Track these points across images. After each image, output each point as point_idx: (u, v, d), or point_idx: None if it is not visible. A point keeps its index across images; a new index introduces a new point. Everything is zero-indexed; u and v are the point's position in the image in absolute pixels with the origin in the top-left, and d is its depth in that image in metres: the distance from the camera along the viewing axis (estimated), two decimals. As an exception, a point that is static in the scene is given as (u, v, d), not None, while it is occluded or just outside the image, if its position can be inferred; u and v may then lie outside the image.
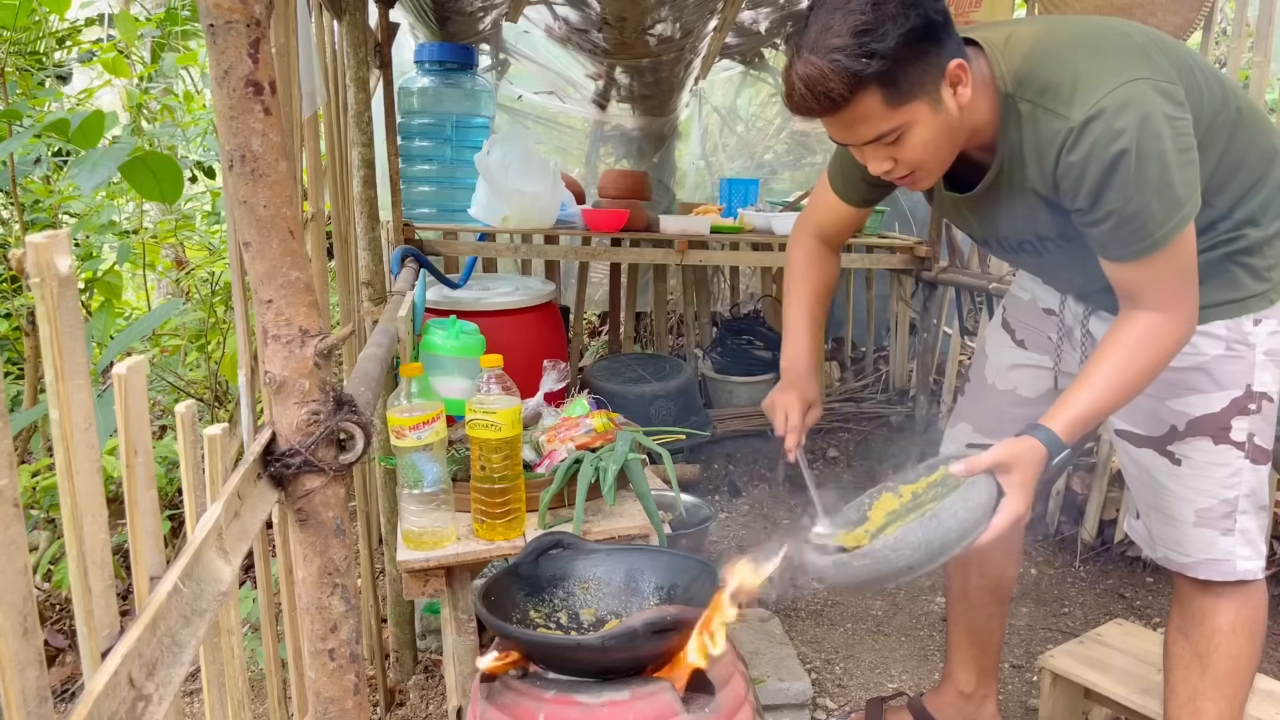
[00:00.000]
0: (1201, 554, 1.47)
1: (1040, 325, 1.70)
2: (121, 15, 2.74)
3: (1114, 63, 1.24)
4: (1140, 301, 1.32)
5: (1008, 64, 1.31)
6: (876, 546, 1.25)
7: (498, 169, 2.97)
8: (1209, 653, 1.48)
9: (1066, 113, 1.24)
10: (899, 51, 1.20)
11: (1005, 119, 1.33)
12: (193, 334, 3.19)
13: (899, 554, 1.23)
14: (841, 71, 1.20)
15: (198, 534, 0.76)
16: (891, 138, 1.28)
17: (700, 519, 2.51)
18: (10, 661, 0.52)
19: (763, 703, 1.95)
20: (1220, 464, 1.44)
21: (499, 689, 1.21)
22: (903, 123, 1.27)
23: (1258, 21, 2.43)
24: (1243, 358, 1.41)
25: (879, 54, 1.19)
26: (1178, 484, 1.47)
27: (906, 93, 1.24)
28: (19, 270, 0.58)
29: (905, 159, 1.31)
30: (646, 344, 4.32)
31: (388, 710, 2.16)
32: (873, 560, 1.25)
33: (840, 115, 1.26)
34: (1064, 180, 1.28)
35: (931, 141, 1.29)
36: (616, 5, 3.36)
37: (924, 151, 1.30)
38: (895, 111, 1.25)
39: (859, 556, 1.26)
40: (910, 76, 1.23)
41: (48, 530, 2.40)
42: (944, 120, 1.28)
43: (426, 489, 1.45)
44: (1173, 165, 1.21)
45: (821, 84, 1.22)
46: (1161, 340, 1.31)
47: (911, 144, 1.29)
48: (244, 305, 1.34)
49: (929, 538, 1.23)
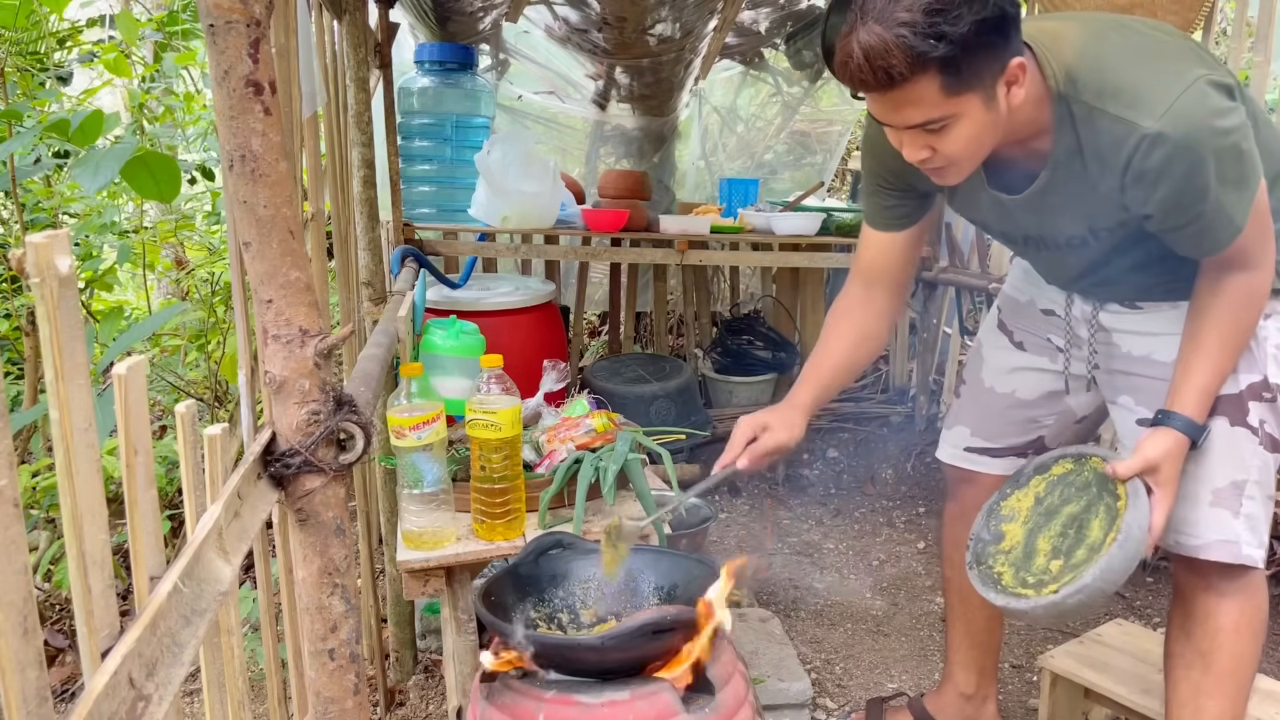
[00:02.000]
0: (1214, 535, 1.45)
1: (1040, 328, 1.70)
2: (122, 15, 2.74)
3: (1173, 64, 1.24)
4: (1227, 265, 1.33)
5: (1059, 64, 1.27)
6: (1088, 582, 1.30)
7: (498, 169, 2.97)
8: (1211, 651, 1.48)
9: (1134, 118, 1.21)
10: (969, 39, 1.13)
11: (1060, 119, 1.29)
12: (193, 334, 3.19)
13: (1109, 580, 1.30)
14: (906, 49, 1.13)
15: (198, 534, 0.76)
16: (937, 126, 1.23)
17: (700, 519, 2.51)
18: (10, 661, 0.52)
19: (763, 703, 1.95)
20: (1235, 445, 1.44)
21: (499, 689, 1.21)
22: (953, 113, 1.21)
23: (1258, 21, 2.43)
24: (1261, 346, 1.43)
25: (949, 37, 1.13)
26: (1194, 464, 1.45)
27: (965, 83, 1.18)
28: (19, 270, 0.58)
29: (945, 150, 1.26)
30: (646, 344, 4.33)
31: (388, 710, 2.16)
32: (1088, 595, 1.30)
33: (892, 94, 1.19)
34: (1136, 185, 1.27)
35: (976, 137, 1.25)
36: (616, 5, 3.36)
37: (966, 146, 1.26)
38: (949, 100, 1.19)
39: (1071, 595, 1.31)
40: (973, 67, 1.17)
41: (48, 530, 2.39)
42: (993, 118, 1.24)
43: (426, 489, 1.45)
44: (1245, 155, 1.24)
45: (883, 58, 1.14)
46: (1256, 293, 1.34)
47: (955, 136, 1.24)
48: (244, 305, 1.34)
49: (1127, 556, 1.30)
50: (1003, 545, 1.47)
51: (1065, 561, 1.38)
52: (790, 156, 4.57)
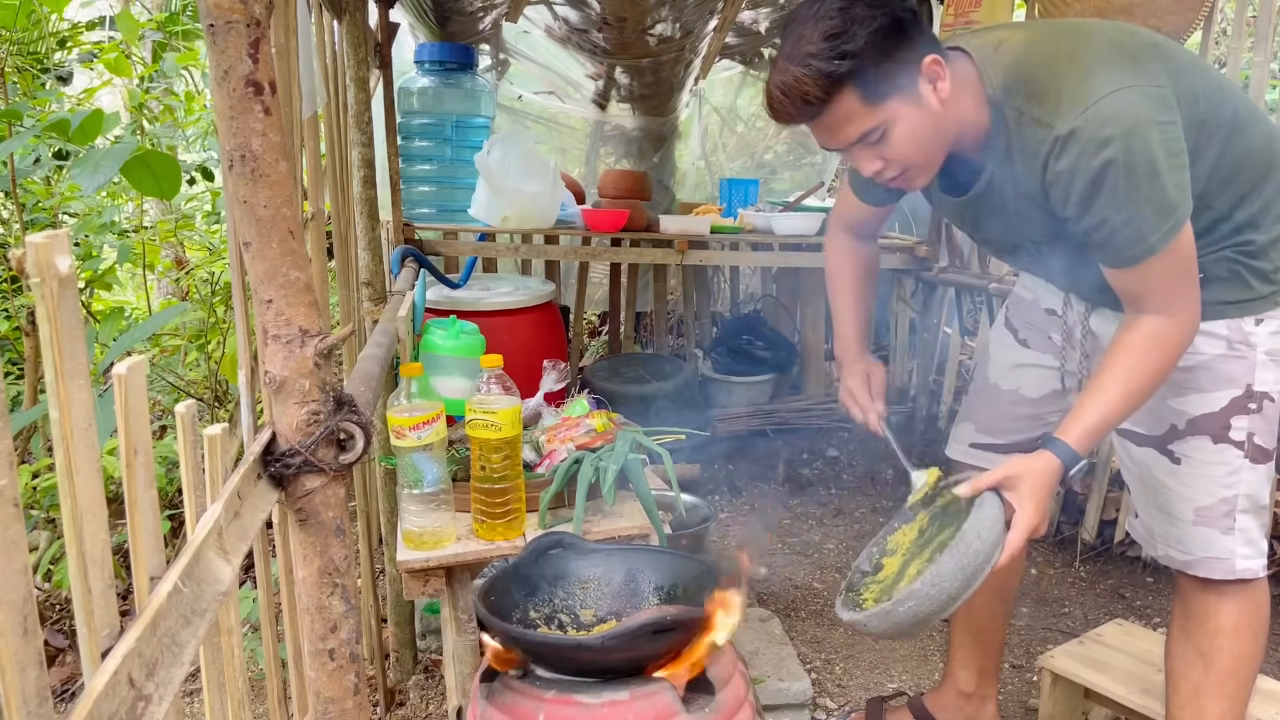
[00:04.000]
0: (1201, 552, 1.47)
1: (1043, 326, 1.71)
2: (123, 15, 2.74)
3: (1100, 71, 1.26)
4: (1143, 305, 1.33)
5: (995, 71, 1.33)
6: (916, 588, 1.25)
7: (498, 169, 2.97)
8: (1212, 652, 1.48)
9: (1051, 121, 1.26)
10: (870, 50, 1.24)
11: (994, 125, 1.35)
12: (193, 334, 3.19)
13: (939, 588, 1.24)
14: (816, 75, 1.25)
15: (198, 534, 0.76)
16: (876, 136, 1.31)
17: (700, 519, 2.51)
18: (10, 661, 0.52)
19: (763, 703, 1.95)
20: (1219, 463, 1.44)
21: (499, 689, 1.21)
22: (883, 120, 1.29)
23: (1258, 21, 2.43)
24: (1244, 357, 1.41)
25: (850, 54, 1.23)
26: (1177, 483, 1.48)
27: (883, 90, 1.27)
28: (19, 270, 0.58)
29: (893, 157, 1.33)
30: (646, 344, 4.32)
31: (388, 710, 2.16)
32: (917, 601, 1.25)
33: (822, 119, 1.30)
34: (1053, 189, 1.30)
35: (916, 136, 1.31)
36: (616, 5, 3.36)
37: (910, 147, 1.32)
38: (874, 109, 1.28)
39: (901, 602, 1.26)
40: (885, 74, 1.26)
41: (48, 530, 2.39)
42: (925, 114, 1.30)
43: (426, 489, 1.45)
44: (1163, 171, 1.23)
45: (798, 88, 1.27)
46: (1167, 343, 1.32)
47: (896, 140, 1.31)
48: (244, 305, 1.34)
49: (961, 564, 1.24)
50: (879, 576, 1.46)
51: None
52: (790, 156, 4.57)
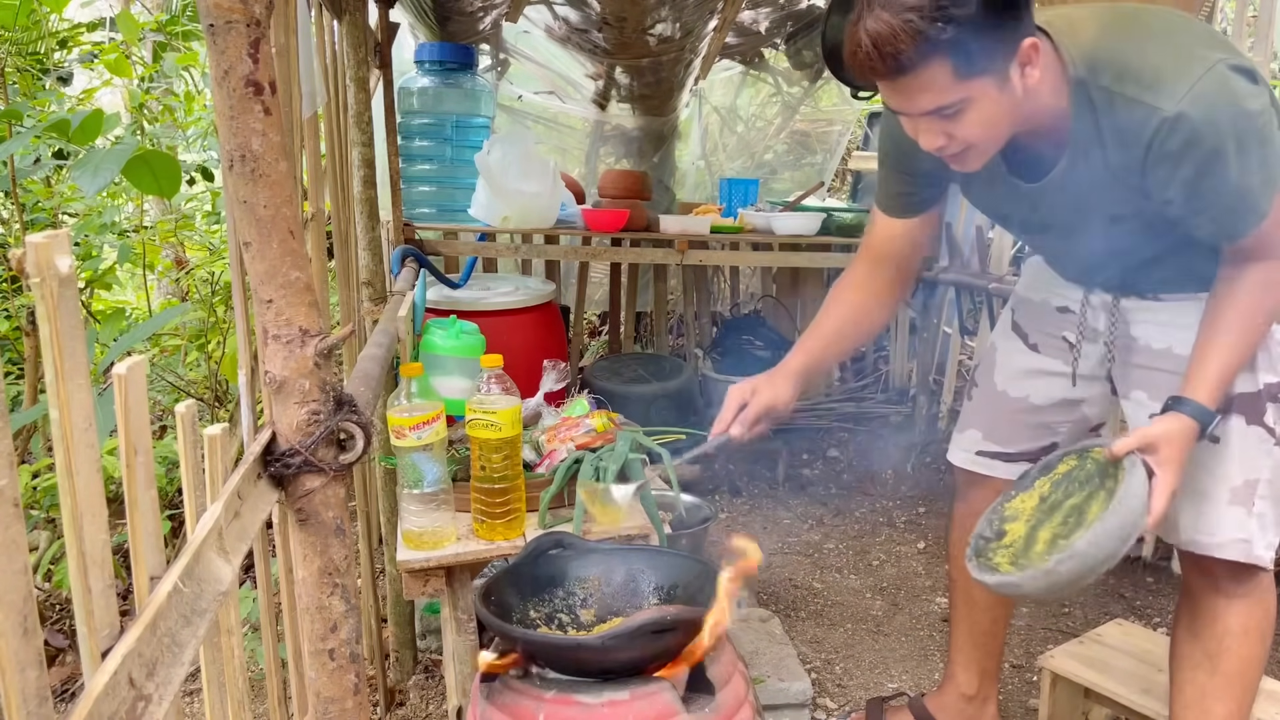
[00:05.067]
0: (1232, 533, 1.44)
1: (1054, 327, 1.67)
2: (123, 15, 2.74)
3: (1193, 48, 1.22)
4: (1251, 255, 1.31)
5: (1076, 50, 1.26)
6: (1079, 548, 1.25)
7: (498, 169, 2.97)
8: (1219, 654, 1.47)
9: (1154, 101, 1.21)
10: (978, 20, 1.13)
11: (1078, 106, 1.28)
12: (193, 334, 3.19)
13: (1099, 547, 1.25)
14: (914, 33, 1.13)
15: (198, 534, 0.76)
16: (951, 111, 1.22)
17: (700, 519, 2.51)
18: (10, 661, 0.52)
19: (763, 703, 1.95)
20: (1251, 444, 1.43)
21: (499, 689, 1.21)
22: (966, 97, 1.21)
23: (1258, 21, 2.43)
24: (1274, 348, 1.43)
25: (957, 20, 1.12)
26: (1216, 462, 1.44)
27: (977, 67, 1.18)
28: (19, 270, 0.58)
29: (961, 135, 1.26)
30: (646, 344, 4.33)
31: (388, 710, 2.16)
32: (1079, 560, 1.26)
33: (904, 80, 1.19)
34: (1157, 168, 1.26)
35: (991, 121, 1.25)
36: (616, 5, 3.36)
37: (982, 130, 1.25)
38: (961, 85, 1.19)
39: (1062, 561, 1.27)
40: (983, 49, 1.16)
41: (48, 530, 2.39)
42: (1008, 100, 1.23)
43: (426, 489, 1.45)
44: (1268, 141, 1.22)
45: (891, 44, 1.14)
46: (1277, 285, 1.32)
47: (970, 120, 1.24)
48: (244, 305, 1.34)
49: (1122, 522, 1.25)
50: (1004, 541, 1.46)
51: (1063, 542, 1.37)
52: (790, 156, 4.57)
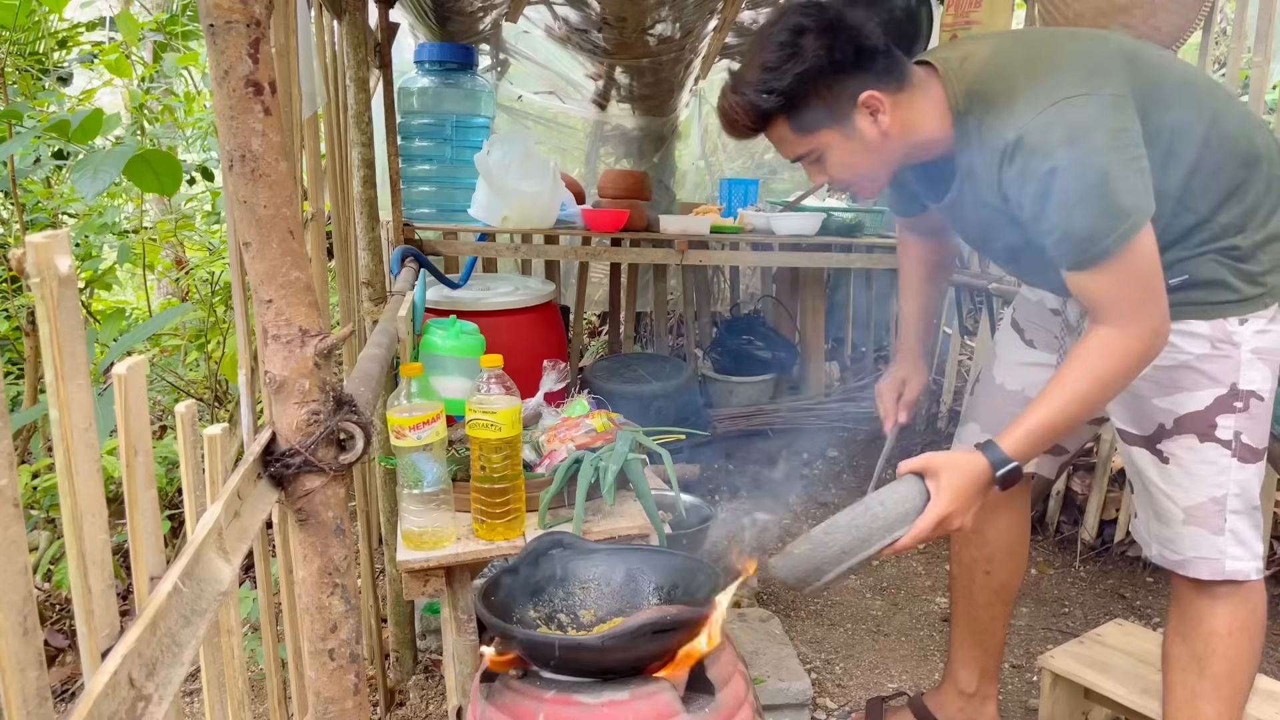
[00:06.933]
0: (1191, 552, 1.47)
1: (1048, 324, 1.72)
2: (122, 15, 2.74)
3: (1052, 79, 1.29)
4: (1098, 314, 1.32)
5: (960, 84, 1.38)
6: (813, 533, 1.33)
7: (498, 169, 2.97)
8: (1206, 655, 1.48)
9: (1003, 129, 1.31)
10: (797, 89, 1.33)
11: (960, 135, 1.40)
12: (193, 334, 3.19)
13: (832, 536, 1.32)
14: (747, 106, 1.37)
15: (198, 534, 0.76)
16: (813, 157, 1.43)
17: (700, 519, 2.51)
18: (10, 661, 0.52)
19: (763, 703, 1.95)
20: (1207, 462, 1.43)
21: (499, 689, 1.21)
22: (814, 148, 1.41)
23: (1258, 21, 2.43)
24: (1227, 356, 1.41)
25: (777, 91, 1.34)
26: (1167, 482, 1.48)
27: (812, 123, 1.37)
28: (19, 270, 0.58)
29: (832, 175, 1.45)
30: (646, 344, 4.32)
31: (388, 710, 2.16)
32: (811, 545, 1.32)
33: (765, 138, 1.43)
34: (1008, 194, 1.35)
35: (849, 164, 1.42)
36: (616, 5, 3.36)
37: (844, 171, 1.43)
38: (806, 139, 1.40)
39: (798, 544, 1.34)
40: (814, 110, 1.36)
41: (48, 530, 2.39)
42: (859, 145, 1.39)
43: (426, 489, 1.45)
44: (1114, 176, 1.24)
45: (732, 114, 1.40)
46: (1116, 354, 1.31)
47: (832, 163, 1.42)
48: (244, 305, 1.34)
49: (856, 521, 1.32)
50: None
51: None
52: (790, 156, 4.56)
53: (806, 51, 1.32)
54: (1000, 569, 1.85)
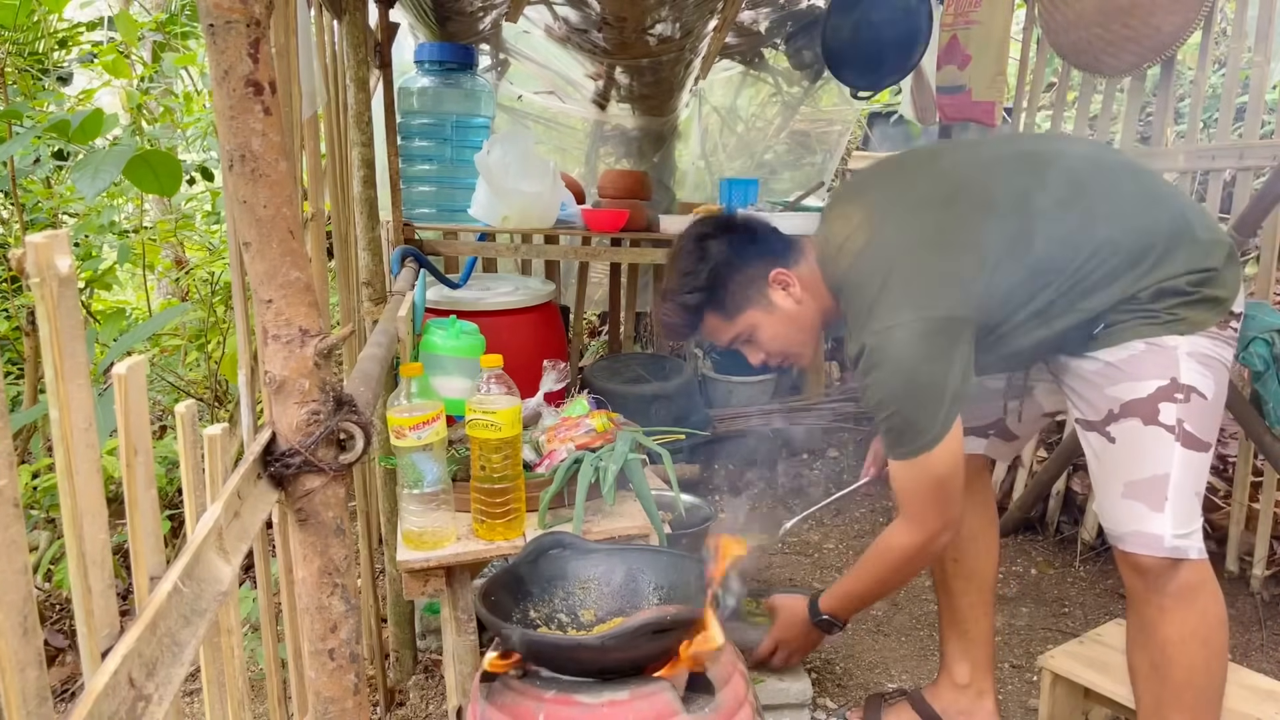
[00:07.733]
0: (1131, 526, 1.48)
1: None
2: (121, 15, 2.74)
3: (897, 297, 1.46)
4: (898, 503, 1.58)
5: (835, 270, 1.58)
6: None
7: (498, 169, 2.97)
8: (1164, 664, 1.49)
9: (856, 333, 1.51)
10: (714, 283, 1.59)
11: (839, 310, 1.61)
12: (193, 334, 3.19)
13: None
14: (677, 309, 1.62)
15: (198, 534, 0.76)
16: (745, 339, 1.64)
17: (700, 519, 2.51)
18: (10, 661, 0.52)
19: (763, 703, 1.95)
20: (1150, 440, 1.47)
21: (499, 689, 1.21)
22: (743, 329, 1.62)
23: (1258, 21, 2.43)
24: (1165, 351, 1.46)
25: (697, 289, 1.59)
26: (1110, 458, 1.52)
27: (735, 308, 1.61)
28: (19, 270, 0.58)
29: (767, 350, 1.65)
30: (646, 344, 4.32)
31: (388, 710, 2.16)
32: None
33: (699, 334, 1.66)
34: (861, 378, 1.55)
35: (779, 336, 1.63)
36: (616, 5, 3.36)
37: (776, 344, 1.64)
38: (733, 323, 1.62)
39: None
40: (734, 296, 1.60)
41: (48, 530, 2.40)
42: (782, 316, 1.62)
43: (426, 489, 1.45)
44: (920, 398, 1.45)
45: (667, 320, 1.65)
46: (902, 547, 1.59)
47: (764, 340, 1.64)
48: (244, 305, 1.34)
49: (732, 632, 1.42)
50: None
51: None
52: (790, 156, 4.56)
53: (712, 251, 1.59)
54: (967, 555, 1.89)
